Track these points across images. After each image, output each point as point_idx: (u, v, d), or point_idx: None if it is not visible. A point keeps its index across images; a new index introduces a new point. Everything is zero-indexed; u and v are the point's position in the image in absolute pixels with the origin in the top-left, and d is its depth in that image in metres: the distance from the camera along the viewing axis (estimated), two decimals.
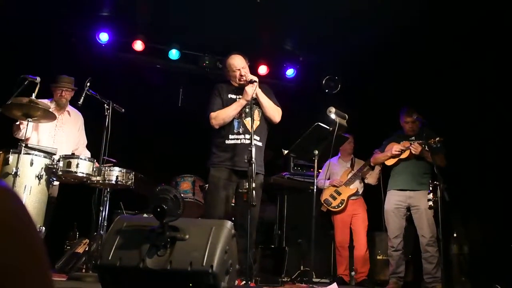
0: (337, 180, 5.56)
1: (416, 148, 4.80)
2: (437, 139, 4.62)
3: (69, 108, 4.86)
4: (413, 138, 4.97)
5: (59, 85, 4.70)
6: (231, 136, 3.78)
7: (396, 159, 5.00)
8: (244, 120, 3.80)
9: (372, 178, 5.53)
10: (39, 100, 4.06)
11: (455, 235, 5.50)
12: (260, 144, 3.79)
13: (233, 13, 5.76)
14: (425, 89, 6.18)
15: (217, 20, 5.89)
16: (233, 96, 3.89)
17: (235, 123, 3.80)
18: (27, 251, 0.67)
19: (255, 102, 3.78)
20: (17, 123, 4.51)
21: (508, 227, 5.11)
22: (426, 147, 4.72)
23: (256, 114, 3.80)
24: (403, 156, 4.93)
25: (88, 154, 4.81)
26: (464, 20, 5.30)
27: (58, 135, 4.73)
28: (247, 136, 3.74)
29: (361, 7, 5.34)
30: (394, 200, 4.96)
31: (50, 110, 4.14)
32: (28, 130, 4.05)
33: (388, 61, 6.13)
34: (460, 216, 5.55)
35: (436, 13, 5.31)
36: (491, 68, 5.62)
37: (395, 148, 4.95)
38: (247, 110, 3.79)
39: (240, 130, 3.78)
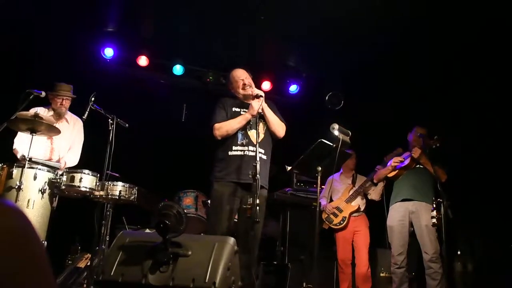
0: (329, 207, 5.53)
1: (415, 151, 4.84)
2: (435, 137, 4.69)
3: (67, 115, 4.79)
4: None
5: (59, 94, 4.61)
6: (234, 148, 3.72)
7: (397, 170, 5.01)
8: (249, 132, 3.76)
9: (375, 194, 5.50)
10: (39, 110, 4.06)
11: (459, 252, 5.46)
12: (265, 157, 3.75)
13: (237, 29, 5.82)
14: (427, 105, 6.20)
15: (221, 35, 5.95)
16: (237, 110, 3.86)
17: (239, 135, 3.75)
18: (34, 268, 0.67)
19: (260, 116, 3.75)
20: (14, 147, 4.50)
21: None
22: (427, 150, 4.77)
23: (261, 127, 3.76)
24: (405, 163, 4.95)
25: (73, 160, 4.71)
26: (464, 36, 5.33)
27: (56, 144, 4.68)
28: (251, 148, 3.68)
29: (364, 24, 5.39)
30: (397, 216, 4.93)
31: (54, 125, 4.16)
32: (27, 141, 4.02)
33: (389, 77, 6.17)
34: (464, 234, 5.52)
35: (437, 29, 5.35)
36: (492, 87, 5.64)
37: (394, 159, 5.01)
38: (251, 122, 3.76)
39: (244, 142, 3.73)
